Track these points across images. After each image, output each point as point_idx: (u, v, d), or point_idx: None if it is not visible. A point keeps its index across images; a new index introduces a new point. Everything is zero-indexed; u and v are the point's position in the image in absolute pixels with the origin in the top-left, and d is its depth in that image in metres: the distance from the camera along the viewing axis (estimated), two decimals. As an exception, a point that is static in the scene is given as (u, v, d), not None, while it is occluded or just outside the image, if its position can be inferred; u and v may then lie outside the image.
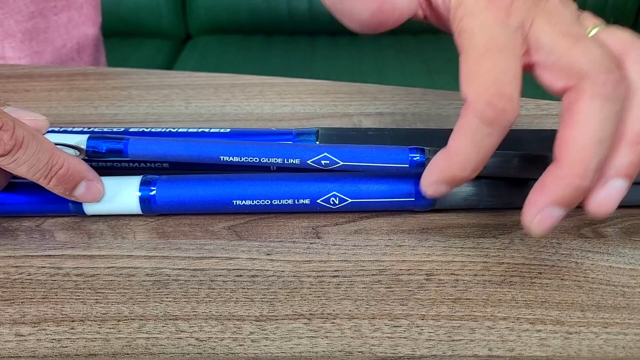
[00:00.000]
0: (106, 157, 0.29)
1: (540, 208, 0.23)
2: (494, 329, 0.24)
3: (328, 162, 0.28)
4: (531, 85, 0.29)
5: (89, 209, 0.29)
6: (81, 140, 0.28)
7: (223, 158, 0.28)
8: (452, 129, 0.31)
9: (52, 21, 0.56)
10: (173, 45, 1.35)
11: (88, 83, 0.42)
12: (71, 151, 0.28)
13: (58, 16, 0.56)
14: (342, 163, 0.28)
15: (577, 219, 0.29)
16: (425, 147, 0.28)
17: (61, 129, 0.32)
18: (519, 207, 0.29)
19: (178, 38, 1.38)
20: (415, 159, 0.28)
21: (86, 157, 0.28)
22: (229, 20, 1.34)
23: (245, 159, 0.28)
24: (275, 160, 0.28)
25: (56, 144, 0.28)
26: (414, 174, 0.28)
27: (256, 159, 0.28)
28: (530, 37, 0.23)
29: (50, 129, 0.32)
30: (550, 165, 0.23)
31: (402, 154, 0.28)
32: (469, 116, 0.22)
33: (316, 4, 1.29)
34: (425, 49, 1.24)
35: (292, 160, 0.28)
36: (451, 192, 0.28)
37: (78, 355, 0.23)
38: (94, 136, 0.29)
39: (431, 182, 0.25)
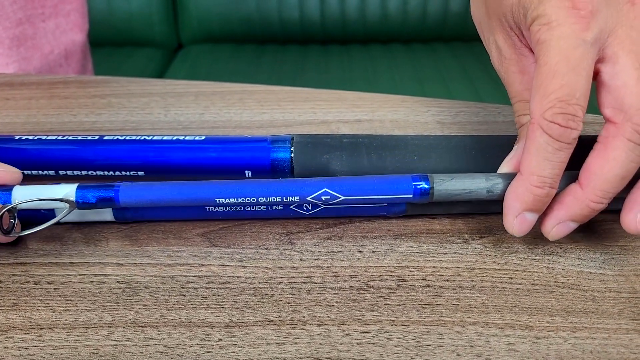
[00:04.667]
0: (97, 207, 0.27)
1: (559, 220, 0.26)
2: (462, 334, 0.24)
3: (328, 197, 0.27)
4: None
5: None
6: (70, 192, 0.27)
7: (219, 200, 0.27)
8: (429, 135, 0.32)
9: (39, 28, 0.56)
10: (165, 54, 1.35)
11: (68, 91, 0.42)
12: (61, 204, 0.27)
13: (46, 23, 0.56)
14: (342, 198, 0.27)
15: (550, 224, 0.29)
16: (428, 174, 0.27)
17: (35, 137, 0.32)
18: (491, 213, 0.29)
19: (170, 47, 1.38)
20: (419, 187, 0.27)
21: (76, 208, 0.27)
22: (220, 29, 1.34)
23: (242, 200, 0.27)
24: (274, 199, 0.27)
25: (46, 199, 0.27)
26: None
27: (253, 199, 0.27)
28: (604, 50, 0.24)
29: (24, 137, 0.32)
30: (573, 185, 0.26)
31: (406, 183, 0.27)
32: (537, 133, 0.24)
33: (307, 13, 1.30)
34: (415, 57, 1.25)
35: (291, 197, 0.27)
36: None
37: (45, 363, 0.23)
38: (83, 186, 0.27)
39: (515, 215, 0.26)
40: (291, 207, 0.29)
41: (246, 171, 0.31)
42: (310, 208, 0.29)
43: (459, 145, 0.31)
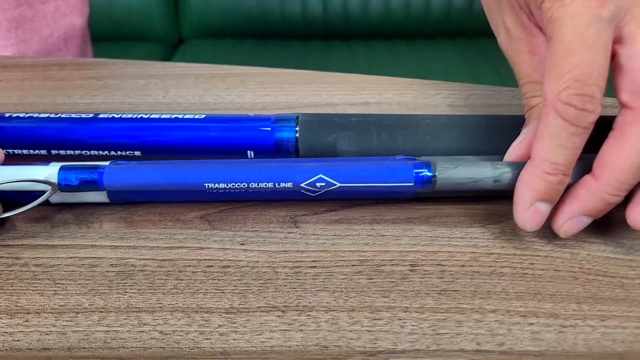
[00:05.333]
0: (80, 190, 0.26)
1: (571, 215, 0.24)
2: (482, 322, 0.22)
3: (324, 184, 0.25)
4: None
5: (54, 198, 0.27)
6: (52, 173, 0.26)
7: (208, 185, 0.26)
8: (443, 114, 0.30)
9: (38, 10, 0.54)
10: (165, 49, 1.33)
11: (63, 73, 0.40)
12: (42, 186, 0.26)
13: (45, 5, 0.55)
14: (339, 185, 0.25)
15: (572, 208, 0.27)
16: (430, 160, 0.26)
17: (27, 115, 0.30)
18: (507, 196, 0.28)
19: (170, 42, 1.37)
20: (420, 174, 0.25)
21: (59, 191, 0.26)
22: (221, 24, 1.32)
23: (232, 185, 0.25)
24: (266, 185, 0.25)
25: (25, 180, 0.25)
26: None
27: (244, 185, 0.26)
28: (621, 30, 0.23)
29: (15, 115, 0.30)
30: (586, 176, 0.24)
31: (406, 170, 0.25)
32: (550, 116, 0.22)
33: (309, 8, 1.28)
34: (418, 53, 1.23)
35: (284, 184, 0.25)
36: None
37: (31, 349, 0.21)
38: (66, 167, 0.26)
39: (527, 207, 0.24)
40: (302, 184, 0.27)
41: (249, 151, 0.29)
42: (314, 190, 0.27)
43: (474, 125, 0.29)
